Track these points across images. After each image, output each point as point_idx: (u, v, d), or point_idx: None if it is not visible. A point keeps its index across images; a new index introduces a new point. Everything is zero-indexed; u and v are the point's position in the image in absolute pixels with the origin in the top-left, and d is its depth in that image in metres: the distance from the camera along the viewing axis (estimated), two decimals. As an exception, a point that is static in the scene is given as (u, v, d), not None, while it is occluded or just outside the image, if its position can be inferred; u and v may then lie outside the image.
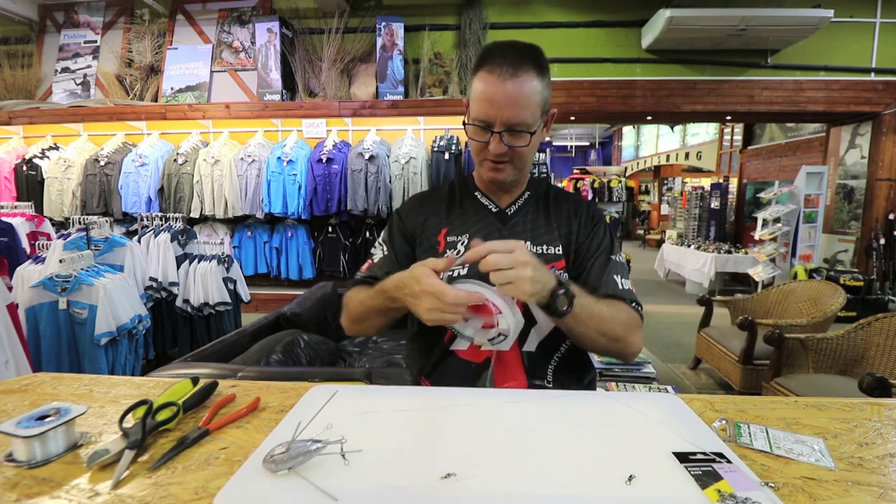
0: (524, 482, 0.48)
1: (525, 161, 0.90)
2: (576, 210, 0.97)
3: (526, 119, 0.82)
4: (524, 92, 0.81)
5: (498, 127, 0.83)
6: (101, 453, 0.52)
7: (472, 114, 0.86)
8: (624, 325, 0.84)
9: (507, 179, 0.91)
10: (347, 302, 0.94)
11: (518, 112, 0.81)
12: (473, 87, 0.86)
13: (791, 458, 0.54)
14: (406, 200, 1.04)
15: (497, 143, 0.84)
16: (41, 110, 4.76)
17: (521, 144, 0.85)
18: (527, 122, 0.83)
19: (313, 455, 0.50)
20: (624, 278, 0.92)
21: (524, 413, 0.64)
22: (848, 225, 5.17)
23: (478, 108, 0.84)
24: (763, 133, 7.16)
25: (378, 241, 1.02)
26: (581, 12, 4.61)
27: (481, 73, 0.83)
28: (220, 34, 4.92)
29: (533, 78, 0.82)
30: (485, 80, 0.82)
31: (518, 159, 0.88)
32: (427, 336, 0.93)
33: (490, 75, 0.81)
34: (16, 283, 2.45)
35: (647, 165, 12.56)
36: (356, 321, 0.92)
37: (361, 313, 0.90)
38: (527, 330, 0.87)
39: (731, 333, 2.80)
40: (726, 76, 4.66)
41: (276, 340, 1.86)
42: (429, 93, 4.58)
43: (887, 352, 2.04)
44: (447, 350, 0.90)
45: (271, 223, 4.61)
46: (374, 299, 0.85)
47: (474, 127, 0.86)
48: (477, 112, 0.84)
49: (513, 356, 0.87)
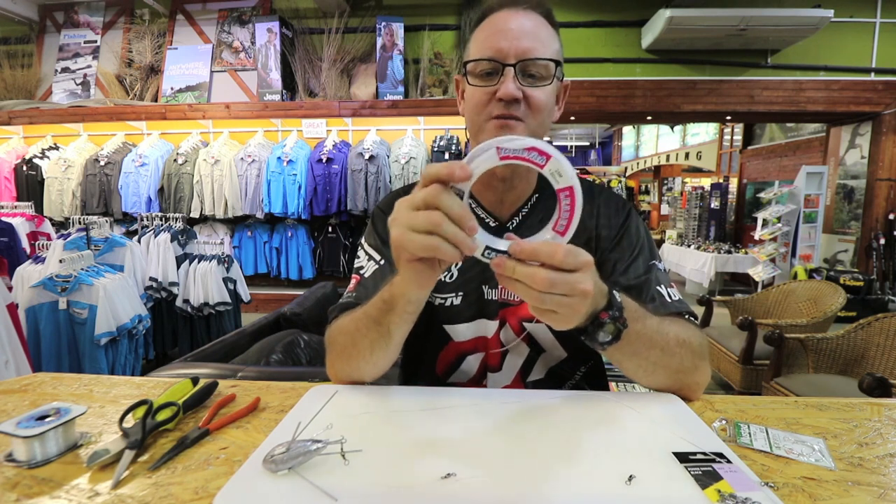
0: (524, 482, 0.48)
1: (542, 120, 0.69)
2: (590, 209, 0.78)
3: (545, 55, 0.66)
4: (540, 30, 0.67)
5: (512, 59, 0.65)
6: (101, 453, 0.52)
7: (476, 56, 0.68)
8: (694, 353, 0.65)
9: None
10: (330, 338, 0.70)
11: (536, 45, 0.66)
12: (475, 36, 0.70)
13: (791, 458, 0.54)
14: (387, 199, 0.84)
15: (511, 82, 0.65)
16: (41, 110, 4.76)
17: (539, 86, 0.67)
18: (545, 64, 0.67)
19: (313, 455, 0.50)
20: (669, 287, 0.74)
21: (524, 413, 0.64)
22: (848, 225, 5.16)
23: (485, 45, 0.67)
24: (763, 133, 7.16)
25: (363, 251, 0.80)
26: (581, 12, 4.61)
27: (484, 21, 0.69)
28: (220, 34, 4.92)
29: (544, 22, 0.69)
30: (490, 21, 0.68)
31: (534, 115, 0.68)
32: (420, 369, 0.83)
33: (497, 15, 0.68)
34: (16, 283, 2.45)
35: (647, 165, 12.55)
36: (343, 355, 0.68)
37: (348, 341, 0.67)
38: (532, 359, 0.78)
39: (731, 333, 2.80)
40: (726, 76, 4.66)
41: (276, 340, 1.85)
42: (429, 93, 4.58)
43: (887, 352, 2.04)
44: (444, 383, 0.81)
45: (271, 223, 4.61)
46: (366, 310, 0.64)
47: (477, 72, 0.68)
48: (483, 50, 0.67)
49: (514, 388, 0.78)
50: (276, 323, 2.20)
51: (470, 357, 0.79)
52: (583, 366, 0.81)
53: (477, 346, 0.79)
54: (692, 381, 0.67)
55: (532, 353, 0.78)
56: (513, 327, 0.77)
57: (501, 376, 0.79)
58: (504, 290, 0.77)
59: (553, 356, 0.78)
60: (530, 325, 0.77)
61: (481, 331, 0.78)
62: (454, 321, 0.78)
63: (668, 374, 0.65)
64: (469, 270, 0.78)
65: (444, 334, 0.79)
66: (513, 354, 0.78)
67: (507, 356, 0.78)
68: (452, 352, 0.80)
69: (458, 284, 0.78)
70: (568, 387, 0.80)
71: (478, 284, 0.77)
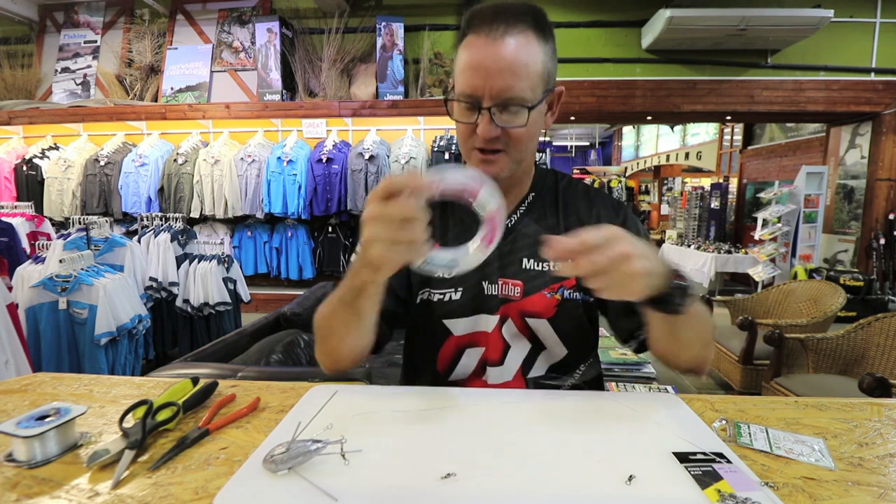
0: (524, 482, 0.48)
1: (524, 149, 0.71)
2: (590, 210, 0.81)
3: (522, 91, 0.65)
4: (520, 56, 0.64)
5: (487, 101, 0.65)
6: (101, 453, 0.52)
7: (457, 89, 0.68)
8: (712, 325, 0.70)
9: (501, 174, 0.70)
10: (315, 324, 0.73)
11: (512, 82, 0.64)
12: (458, 57, 0.68)
13: (791, 458, 0.54)
14: None
15: (487, 124, 0.66)
16: (41, 110, 4.76)
17: (517, 124, 0.67)
18: (523, 96, 0.65)
19: (313, 455, 0.50)
20: None
21: (524, 413, 0.64)
22: (848, 225, 5.17)
23: (462, 79, 0.67)
24: (763, 133, 7.16)
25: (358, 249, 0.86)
26: (581, 12, 4.61)
27: (467, 38, 0.67)
28: (220, 34, 4.92)
29: (531, 40, 0.65)
30: (470, 44, 0.66)
31: (515, 147, 0.69)
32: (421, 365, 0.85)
33: (477, 38, 0.65)
34: (16, 283, 2.45)
35: (647, 165, 12.55)
36: (322, 337, 0.72)
37: (326, 324, 0.70)
38: (533, 355, 0.79)
39: (731, 333, 2.80)
40: (726, 76, 4.66)
41: (276, 340, 1.85)
42: (429, 93, 4.58)
43: (887, 352, 2.04)
44: (444, 381, 0.82)
45: (271, 223, 4.61)
46: (339, 295, 0.67)
47: (459, 105, 0.68)
48: (462, 85, 0.67)
49: (516, 386, 0.79)
50: (276, 323, 2.20)
51: (469, 350, 0.80)
52: (582, 364, 0.82)
53: (477, 341, 0.79)
54: (710, 353, 0.72)
55: (533, 349, 0.79)
56: (515, 323, 0.78)
57: (503, 371, 0.79)
58: (505, 286, 0.78)
59: (554, 353, 0.79)
60: (532, 321, 0.78)
61: (481, 325, 0.79)
62: (453, 316, 0.79)
63: (702, 344, 0.69)
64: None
65: (444, 329, 0.80)
66: (515, 350, 0.79)
67: (509, 351, 0.79)
68: (452, 346, 0.80)
69: (458, 280, 0.78)
70: (567, 384, 0.81)
71: (477, 280, 0.78)
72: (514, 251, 0.78)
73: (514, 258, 0.79)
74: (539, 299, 0.77)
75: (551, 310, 0.77)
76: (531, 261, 0.78)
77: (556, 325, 0.77)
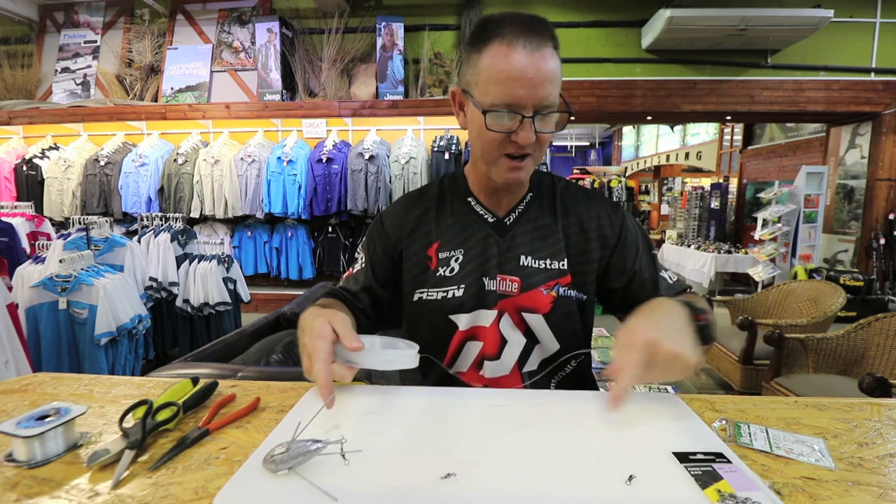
0: (524, 482, 0.48)
1: (543, 152, 0.77)
2: (589, 212, 0.85)
3: (556, 98, 0.71)
4: (553, 67, 0.69)
5: (529, 110, 0.69)
6: (101, 453, 0.52)
7: (489, 98, 0.70)
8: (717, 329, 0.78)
9: (524, 178, 0.77)
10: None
11: (551, 91, 0.69)
12: (484, 63, 0.70)
13: (791, 458, 0.54)
14: (392, 205, 0.92)
15: (529, 131, 0.69)
16: (41, 110, 4.76)
17: (550, 130, 0.73)
18: (556, 102, 0.71)
19: (313, 455, 0.50)
20: (665, 271, 0.87)
21: (524, 413, 0.64)
22: (848, 225, 5.17)
23: (500, 89, 0.68)
24: (763, 133, 7.16)
25: (360, 249, 0.92)
26: (581, 12, 4.61)
27: (495, 45, 0.69)
28: (220, 34, 4.92)
29: (555, 54, 0.71)
30: (505, 54, 0.68)
31: (540, 150, 0.75)
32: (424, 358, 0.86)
33: (511, 49, 0.67)
34: (16, 283, 2.45)
35: (647, 165, 12.55)
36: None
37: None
38: (528, 349, 0.82)
39: (731, 333, 2.80)
40: (726, 76, 4.66)
41: (276, 340, 1.85)
42: (429, 93, 4.58)
43: (887, 352, 2.04)
44: (446, 374, 0.86)
45: (271, 223, 4.61)
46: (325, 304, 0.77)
47: (497, 115, 0.70)
48: (500, 95, 0.68)
49: (512, 379, 0.83)
50: (276, 323, 2.19)
51: (469, 344, 0.83)
52: (574, 359, 0.86)
53: (476, 335, 0.83)
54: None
55: (528, 343, 0.82)
56: (512, 317, 0.81)
57: (499, 365, 0.83)
58: (503, 282, 0.81)
59: (547, 347, 0.83)
60: (528, 316, 0.81)
61: (480, 320, 0.82)
62: (457, 311, 0.82)
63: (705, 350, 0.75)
64: (469, 263, 0.82)
65: (452, 323, 0.83)
66: (511, 344, 0.82)
67: (505, 346, 0.82)
68: (458, 339, 0.84)
69: (460, 277, 0.82)
70: (559, 377, 0.85)
71: (478, 276, 0.82)
72: (513, 249, 0.82)
73: (512, 255, 0.82)
74: (536, 295, 0.80)
75: (547, 306, 0.80)
76: (528, 258, 0.81)
77: (550, 320, 0.81)
